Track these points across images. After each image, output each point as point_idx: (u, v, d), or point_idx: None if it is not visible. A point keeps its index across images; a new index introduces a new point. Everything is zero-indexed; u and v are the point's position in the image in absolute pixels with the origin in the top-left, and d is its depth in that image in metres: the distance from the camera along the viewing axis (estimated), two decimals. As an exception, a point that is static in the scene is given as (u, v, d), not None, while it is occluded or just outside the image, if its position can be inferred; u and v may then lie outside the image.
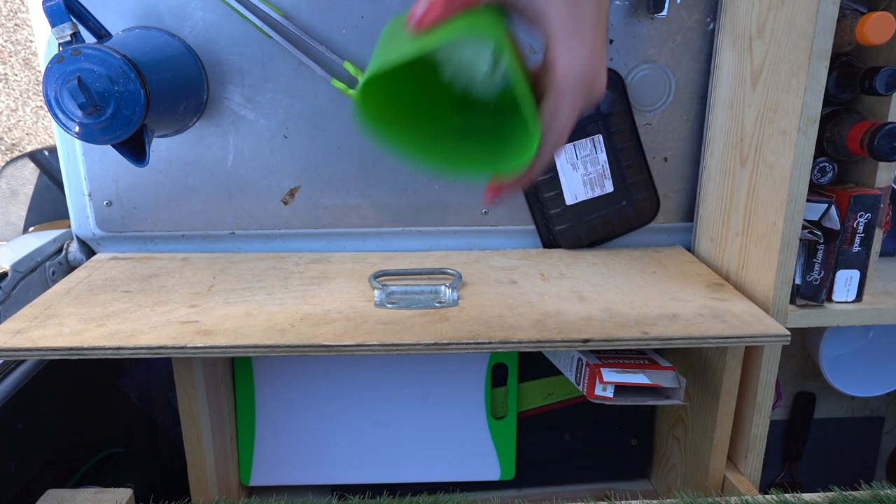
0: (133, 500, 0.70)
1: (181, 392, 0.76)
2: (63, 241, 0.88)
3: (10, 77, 2.14)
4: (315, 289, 0.76)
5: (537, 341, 0.64)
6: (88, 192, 0.85)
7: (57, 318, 0.68)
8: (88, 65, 0.64)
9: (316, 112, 0.83)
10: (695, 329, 0.66)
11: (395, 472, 0.91)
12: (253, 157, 0.84)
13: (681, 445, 0.86)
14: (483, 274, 0.80)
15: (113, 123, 0.66)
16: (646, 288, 0.76)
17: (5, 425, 0.72)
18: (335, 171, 0.85)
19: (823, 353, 0.88)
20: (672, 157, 0.88)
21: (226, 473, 0.85)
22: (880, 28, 0.64)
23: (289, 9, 0.80)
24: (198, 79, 0.80)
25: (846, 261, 0.73)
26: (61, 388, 0.82)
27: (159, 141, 0.82)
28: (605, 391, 0.73)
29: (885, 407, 1.03)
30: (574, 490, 0.95)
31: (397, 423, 0.90)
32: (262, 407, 0.89)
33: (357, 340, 0.64)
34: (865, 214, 0.71)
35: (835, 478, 0.74)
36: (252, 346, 0.63)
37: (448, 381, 0.89)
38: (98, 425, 0.92)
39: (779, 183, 0.70)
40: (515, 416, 0.91)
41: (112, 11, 0.78)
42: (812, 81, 0.65)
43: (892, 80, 0.66)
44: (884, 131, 0.66)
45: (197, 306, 0.71)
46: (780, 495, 0.69)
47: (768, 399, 0.75)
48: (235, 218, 0.87)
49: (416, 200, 0.87)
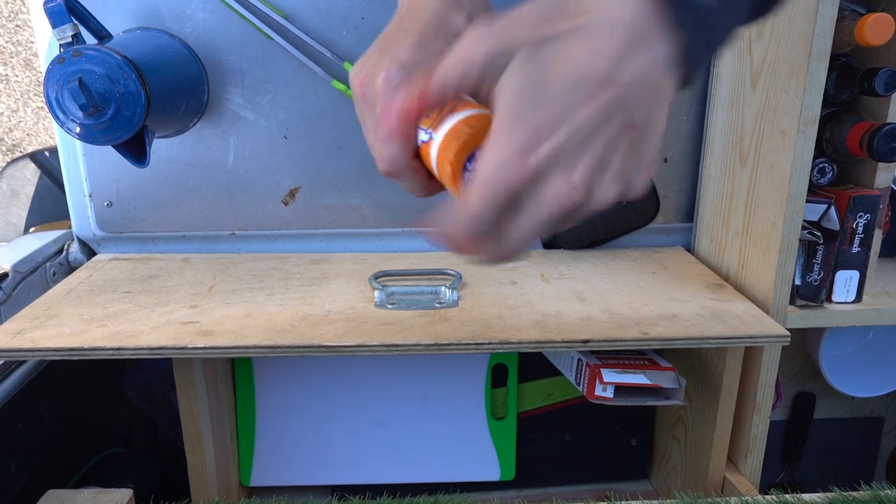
0: (133, 500, 0.70)
1: (181, 392, 0.76)
2: (63, 241, 0.88)
3: (11, 78, 2.14)
4: (315, 289, 0.76)
5: (537, 342, 0.64)
6: (89, 193, 0.85)
7: (57, 319, 0.68)
8: (89, 66, 0.64)
9: (316, 113, 0.83)
10: (695, 329, 0.66)
11: (395, 473, 0.91)
12: (253, 157, 0.84)
13: (681, 446, 0.86)
14: (483, 274, 0.80)
15: (114, 124, 0.66)
16: (646, 288, 0.76)
17: (6, 425, 0.72)
18: (335, 171, 0.86)
19: (823, 354, 0.88)
20: (672, 157, 0.88)
21: (226, 473, 0.85)
22: (879, 29, 0.64)
23: (289, 9, 0.80)
24: (198, 79, 0.80)
25: (846, 261, 0.73)
26: (62, 389, 0.82)
27: (160, 141, 0.82)
28: (605, 392, 0.73)
29: (885, 407, 1.03)
30: (574, 490, 0.95)
31: (397, 424, 0.90)
32: (263, 407, 0.89)
33: (357, 341, 0.64)
34: (865, 215, 0.72)
35: (835, 478, 0.74)
36: (252, 347, 0.63)
37: (448, 381, 0.89)
38: (98, 425, 0.92)
39: (778, 183, 0.70)
40: (515, 417, 0.91)
41: (113, 12, 0.78)
42: (811, 82, 0.65)
43: (892, 81, 0.66)
44: (883, 132, 0.67)
45: (197, 307, 0.71)
46: (780, 495, 0.69)
47: (768, 399, 0.75)
48: (236, 218, 0.87)
49: (417, 201, 0.86)
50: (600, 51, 0.34)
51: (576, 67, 0.34)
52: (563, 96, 0.34)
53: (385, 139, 0.42)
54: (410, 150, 0.42)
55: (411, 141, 0.42)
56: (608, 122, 0.35)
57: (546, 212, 0.36)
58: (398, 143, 0.42)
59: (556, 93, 0.34)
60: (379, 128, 0.42)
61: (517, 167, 0.34)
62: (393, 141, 0.42)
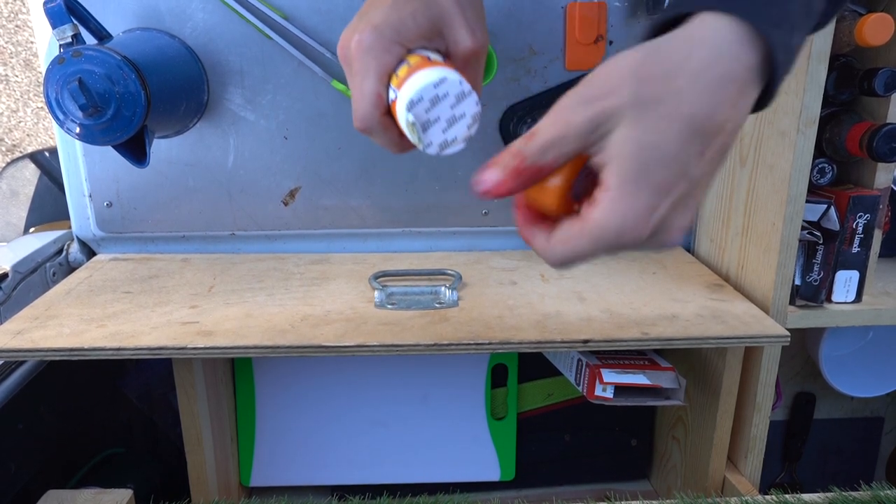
0: (133, 500, 0.70)
1: (181, 392, 0.76)
2: (63, 241, 0.88)
3: (11, 78, 2.14)
4: (315, 290, 0.76)
5: (537, 342, 0.64)
6: (89, 193, 0.85)
7: (57, 319, 0.68)
8: (89, 66, 0.64)
9: (316, 113, 0.83)
10: (694, 330, 0.66)
11: (395, 473, 0.91)
12: (253, 157, 0.84)
13: (681, 446, 0.86)
14: (483, 275, 0.80)
15: (113, 124, 0.66)
16: (645, 288, 0.76)
17: (6, 426, 0.72)
18: (335, 172, 0.86)
19: (823, 354, 0.88)
20: (672, 157, 0.88)
21: (226, 474, 0.85)
22: (879, 29, 0.64)
23: (289, 10, 0.80)
24: (198, 80, 0.80)
25: (845, 261, 0.73)
26: (62, 389, 0.82)
27: (159, 142, 0.82)
28: (605, 392, 0.73)
29: (885, 407, 1.03)
30: (574, 491, 0.95)
31: (397, 424, 0.90)
32: (262, 407, 0.89)
33: (357, 341, 0.64)
34: (864, 215, 0.72)
35: (835, 478, 0.74)
36: (252, 347, 0.63)
37: (448, 381, 0.89)
38: (98, 426, 0.92)
39: (778, 184, 0.70)
40: (515, 417, 0.91)
41: (113, 13, 0.78)
42: (811, 82, 0.65)
43: (891, 81, 0.66)
44: (883, 132, 0.67)
45: (197, 307, 0.71)
46: (780, 496, 0.69)
47: (768, 399, 0.75)
48: (235, 219, 0.87)
49: (416, 201, 0.87)
50: (714, 104, 0.35)
51: (691, 125, 0.35)
52: (681, 154, 0.36)
53: (359, 97, 0.46)
54: (382, 108, 0.46)
55: (382, 100, 0.46)
56: (718, 168, 0.37)
57: (652, 249, 0.39)
58: (371, 101, 0.45)
59: (673, 153, 0.36)
60: (353, 86, 0.46)
61: (643, 226, 0.36)
62: (366, 100, 0.45)
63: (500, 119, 0.84)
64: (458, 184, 0.86)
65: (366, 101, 0.45)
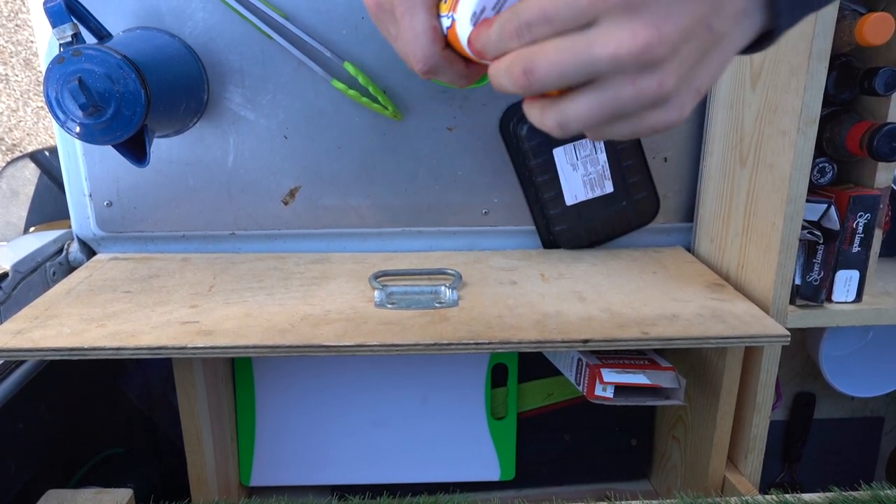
0: (133, 500, 0.70)
1: (181, 392, 0.76)
2: (63, 241, 0.88)
3: (11, 77, 2.14)
4: (315, 289, 0.76)
5: (537, 342, 0.64)
6: (89, 193, 0.85)
7: (57, 319, 0.68)
8: (89, 65, 0.64)
9: (316, 112, 0.83)
10: (695, 329, 0.66)
11: (395, 473, 0.91)
12: (253, 157, 0.84)
13: (681, 446, 0.86)
14: (483, 274, 0.80)
15: (113, 124, 0.66)
16: (646, 288, 0.76)
17: (6, 425, 0.72)
18: (335, 171, 0.86)
19: (823, 354, 0.88)
20: (672, 157, 0.88)
21: (226, 473, 0.85)
22: (879, 29, 0.64)
23: (289, 9, 0.80)
24: (198, 79, 0.80)
25: (846, 261, 0.73)
26: (61, 389, 0.82)
27: (159, 141, 0.82)
28: (605, 391, 0.73)
29: (885, 407, 1.03)
30: (574, 490, 0.95)
31: (397, 424, 0.90)
32: (262, 407, 0.89)
33: (357, 341, 0.64)
34: (865, 215, 0.72)
35: (835, 478, 0.74)
36: (252, 347, 0.63)
37: (448, 381, 0.89)
38: (98, 425, 0.92)
39: (778, 183, 0.70)
40: (515, 417, 0.91)
41: (113, 12, 0.78)
42: (811, 82, 0.65)
43: (892, 81, 0.66)
44: (883, 132, 0.67)
45: (197, 307, 0.71)
46: (780, 496, 0.69)
47: (768, 399, 0.75)
48: (235, 218, 0.87)
49: (417, 201, 0.87)
50: None
51: None
52: None
53: (412, 38, 0.42)
54: (440, 41, 0.42)
55: (439, 33, 0.42)
56: (739, 31, 0.36)
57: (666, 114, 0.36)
58: (428, 37, 0.42)
59: None
60: (403, 28, 0.42)
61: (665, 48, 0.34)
62: (421, 37, 0.41)
63: (500, 119, 0.84)
64: (458, 184, 0.86)
65: (423, 39, 0.42)
